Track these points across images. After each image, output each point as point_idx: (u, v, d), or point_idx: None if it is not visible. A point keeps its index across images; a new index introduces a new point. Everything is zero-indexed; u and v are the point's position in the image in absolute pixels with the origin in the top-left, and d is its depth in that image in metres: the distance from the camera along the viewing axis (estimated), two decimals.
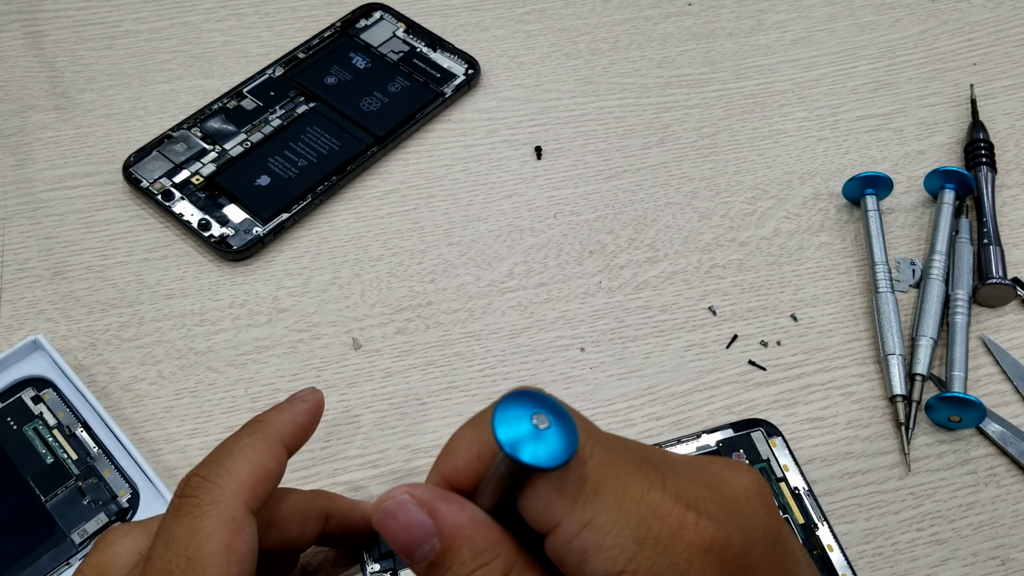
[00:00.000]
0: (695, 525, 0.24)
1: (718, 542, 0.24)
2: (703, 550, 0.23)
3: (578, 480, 0.24)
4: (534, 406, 0.24)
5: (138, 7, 0.64)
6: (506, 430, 0.23)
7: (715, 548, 0.24)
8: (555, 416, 0.23)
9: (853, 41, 0.65)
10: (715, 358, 0.49)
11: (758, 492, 0.26)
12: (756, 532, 0.25)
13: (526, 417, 0.23)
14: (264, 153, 0.56)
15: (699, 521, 0.24)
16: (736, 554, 0.24)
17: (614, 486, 0.24)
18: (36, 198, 0.54)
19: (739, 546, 0.24)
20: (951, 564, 0.43)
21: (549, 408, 0.24)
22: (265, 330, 0.50)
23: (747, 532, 0.24)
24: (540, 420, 0.23)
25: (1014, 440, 0.46)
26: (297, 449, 0.34)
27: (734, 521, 0.24)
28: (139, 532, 0.32)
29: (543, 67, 0.62)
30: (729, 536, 0.24)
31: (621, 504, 0.24)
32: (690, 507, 0.24)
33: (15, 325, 0.49)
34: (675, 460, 0.26)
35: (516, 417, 0.23)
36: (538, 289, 0.52)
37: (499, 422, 0.23)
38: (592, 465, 0.24)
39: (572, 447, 0.23)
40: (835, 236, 0.54)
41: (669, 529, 0.24)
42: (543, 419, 0.23)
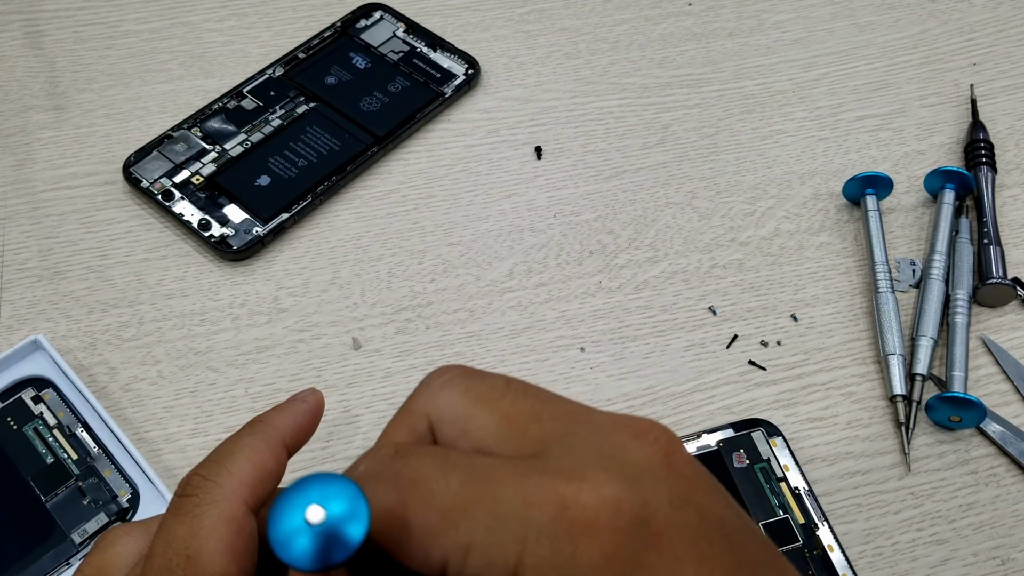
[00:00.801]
0: (575, 499, 0.22)
1: (604, 511, 0.22)
2: (588, 524, 0.21)
3: (441, 513, 0.23)
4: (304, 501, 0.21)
5: (138, 7, 0.64)
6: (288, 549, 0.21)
7: (602, 520, 0.22)
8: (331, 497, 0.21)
9: (853, 41, 0.65)
10: (715, 358, 0.49)
11: (664, 456, 0.24)
12: (658, 495, 0.23)
13: (300, 518, 0.21)
14: (264, 153, 0.56)
15: (580, 494, 0.22)
16: (629, 521, 0.22)
17: (483, 498, 0.22)
18: (36, 198, 0.54)
19: (632, 512, 0.22)
20: (951, 564, 0.43)
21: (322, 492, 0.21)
22: (265, 330, 0.50)
23: (644, 497, 0.22)
24: (314, 514, 0.21)
25: (1014, 440, 0.46)
26: (297, 449, 0.34)
27: (626, 486, 0.22)
28: (139, 532, 0.32)
29: (543, 67, 0.62)
30: (617, 502, 0.22)
31: (494, 512, 0.22)
32: (570, 480, 0.22)
33: (15, 325, 0.49)
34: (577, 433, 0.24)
35: (291, 523, 0.21)
36: (538, 289, 0.52)
37: (277, 544, 0.21)
38: (451, 492, 0.23)
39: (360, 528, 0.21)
40: (835, 236, 0.54)
41: (548, 514, 0.22)
42: (317, 512, 0.21)
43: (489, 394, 0.26)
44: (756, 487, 0.44)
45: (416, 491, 0.23)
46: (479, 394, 0.26)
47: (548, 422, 0.25)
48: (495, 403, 0.25)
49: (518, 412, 0.25)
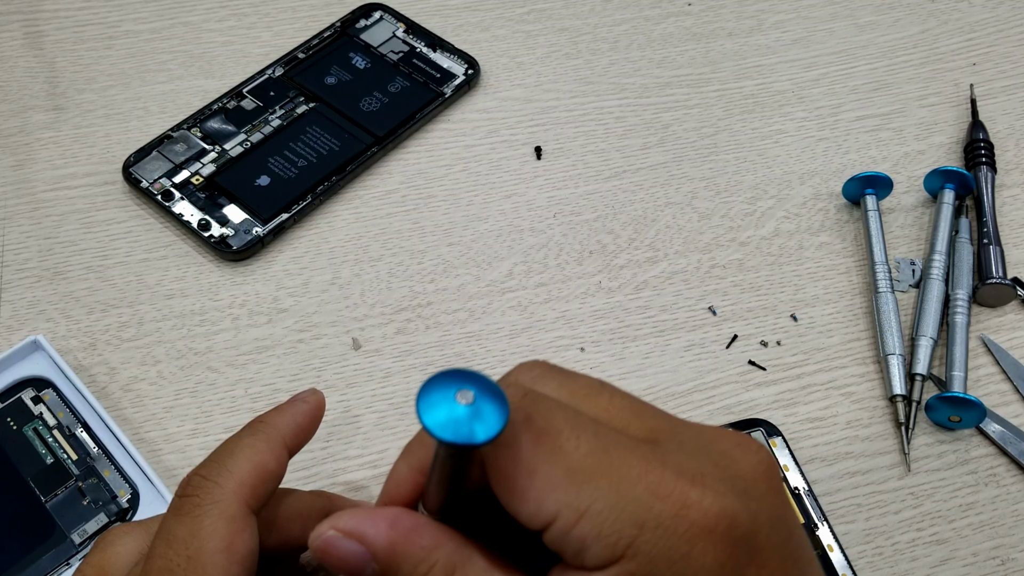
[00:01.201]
0: (699, 504, 0.23)
1: (723, 521, 0.23)
2: (707, 530, 0.22)
3: (567, 471, 0.23)
4: (458, 383, 0.22)
5: (138, 7, 0.64)
6: (431, 414, 0.22)
7: (720, 527, 0.23)
8: (481, 390, 0.22)
9: (853, 41, 0.65)
10: (715, 358, 0.49)
11: (767, 472, 0.25)
12: (763, 513, 0.24)
13: (450, 397, 0.22)
14: (264, 153, 0.56)
15: (703, 499, 0.23)
16: (742, 534, 0.23)
17: (608, 471, 0.23)
18: (36, 198, 0.54)
19: (745, 526, 0.23)
20: (951, 564, 0.43)
21: (475, 383, 0.23)
22: (265, 330, 0.50)
23: (754, 512, 0.23)
24: (464, 396, 0.22)
25: (1014, 440, 0.46)
26: (298, 450, 0.34)
27: (741, 500, 0.23)
28: (139, 532, 0.32)
29: (543, 67, 0.62)
30: (735, 515, 0.23)
31: (618, 489, 0.23)
32: (695, 483, 0.23)
33: (15, 325, 0.49)
34: (682, 433, 0.25)
35: (440, 399, 0.22)
36: (538, 289, 0.52)
37: (423, 407, 0.22)
38: (580, 454, 0.23)
39: (500, 420, 0.22)
40: (835, 236, 0.54)
41: (671, 510, 0.23)
42: (467, 395, 0.22)
43: (584, 391, 0.26)
44: None
45: (547, 441, 0.23)
46: (574, 391, 0.26)
47: (650, 419, 0.25)
48: (593, 399, 0.26)
49: (617, 408, 0.26)
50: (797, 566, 0.24)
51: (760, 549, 0.23)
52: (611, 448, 0.24)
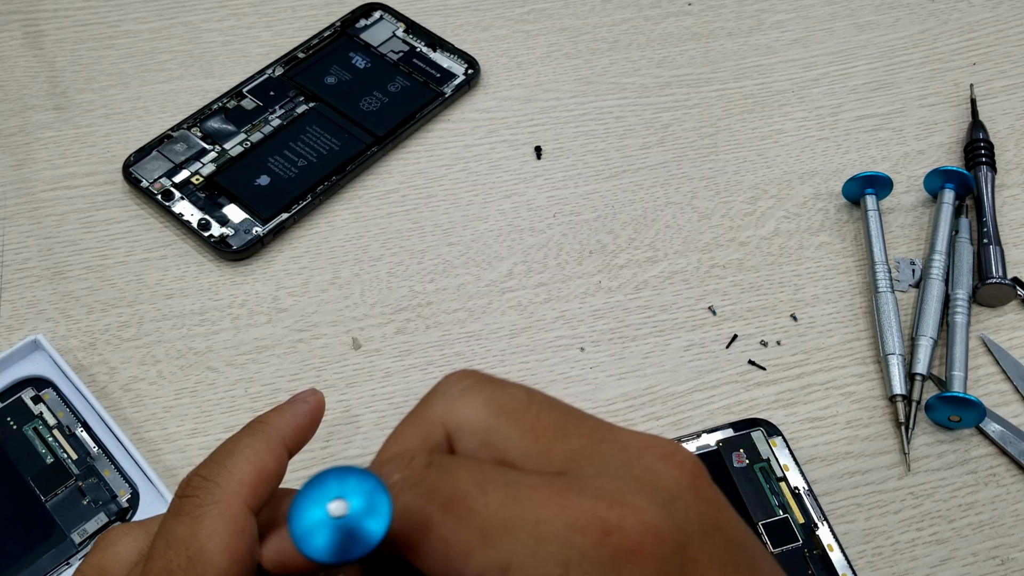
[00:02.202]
0: (619, 526, 0.22)
1: (647, 538, 0.22)
2: (632, 552, 0.22)
3: (480, 531, 0.22)
4: (332, 489, 0.22)
5: (138, 7, 0.64)
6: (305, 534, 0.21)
7: (644, 546, 0.22)
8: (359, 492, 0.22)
9: (853, 41, 0.65)
10: (715, 358, 0.49)
11: (692, 483, 0.24)
12: (690, 523, 0.23)
13: (323, 508, 0.21)
14: (264, 153, 0.56)
15: (623, 520, 0.22)
16: (670, 549, 0.22)
17: (522, 519, 0.22)
18: (36, 198, 0.54)
19: (672, 538, 0.22)
20: (951, 564, 0.43)
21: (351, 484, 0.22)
22: (265, 330, 0.50)
23: (680, 524, 0.23)
24: (338, 508, 0.21)
25: (1014, 440, 0.46)
26: (298, 450, 0.34)
27: (665, 512, 0.23)
28: (139, 532, 0.32)
29: (543, 67, 0.62)
30: (659, 529, 0.22)
31: (535, 533, 0.22)
32: (613, 505, 0.22)
33: (15, 325, 0.49)
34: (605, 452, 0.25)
35: (313, 511, 0.21)
36: (538, 289, 0.52)
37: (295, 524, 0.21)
38: (490, 511, 0.23)
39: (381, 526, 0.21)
40: (835, 236, 0.54)
41: (591, 540, 0.22)
42: (341, 505, 0.21)
43: (512, 405, 0.25)
44: (756, 487, 0.44)
45: (455, 508, 0.23)
46: (501, 405, 0.25)
47: (575, 438, 0.25)
48: (519, 415, 0.25)
49: (543, 426, 0.25)
50: (739, 570, 0.23)
51: (693, 559, 0.22)
52: (522, 494, 0.23)
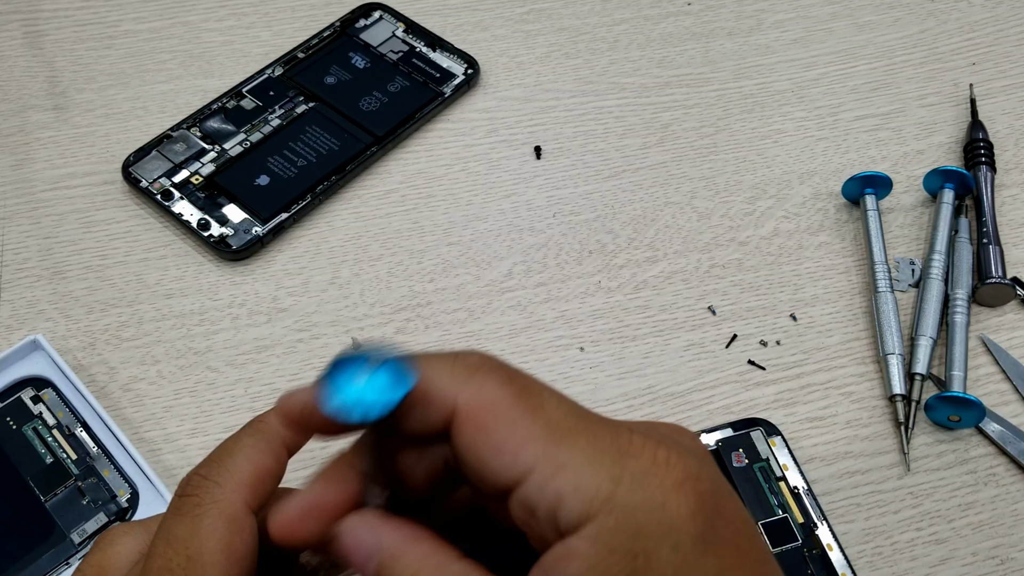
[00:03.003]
0: (667, 461, 0.24)
1: (690, 476, 0.24)
2: (678, 483, 0.24)
3: (547, 426, 0.24)
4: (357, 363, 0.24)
5: (137, 7, 0.64)
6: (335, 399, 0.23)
7: (688, 481, 0.24)
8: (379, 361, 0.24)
9: (852, 41, 0.65)
10: (714, 358, 0.49)
11: (703, 448, 0.27)
12: (717, 477, 0.25)
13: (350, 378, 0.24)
14: (263, 153, 0.56)
15: (670, 457, 0.24)
16: (707, 489, 0.24)
17: (585, 431, 0.24)
18: (35, 198, 0.54)
19: (707, 484, 0.24)
20: (950, 563, 0.43)
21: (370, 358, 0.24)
22: (264, 330, 0.50)
23: (711, 475, 0.25)
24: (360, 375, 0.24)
25: (1013, 440, 0.46)
26: (298, 449, 0.34)
27: (698, 463, 0.25)
28: (139, 531, 0.32)
29: (542, 67, 0.62)
30: (700, 472, 0.24)
31: (594, 445, 0.24)
32: (660, 445, 0.24)
33: (15, 325, 0.49)
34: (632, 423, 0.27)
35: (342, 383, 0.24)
36: (537, 289, 0.52)
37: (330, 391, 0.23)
38: (559, 414, 0.25)
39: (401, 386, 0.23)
40: (834, 236, 0.54)
41: (643, 467, 0.24)
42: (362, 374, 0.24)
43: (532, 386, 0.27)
44: (755, 486, 0.44)
45: (527, 398, 0.25)
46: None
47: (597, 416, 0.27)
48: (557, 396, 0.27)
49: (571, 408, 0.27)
50: (749, 526, 0.25)
51: (723, 507, 0.24)
52: (585, 413, 0.25)
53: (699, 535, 0.23)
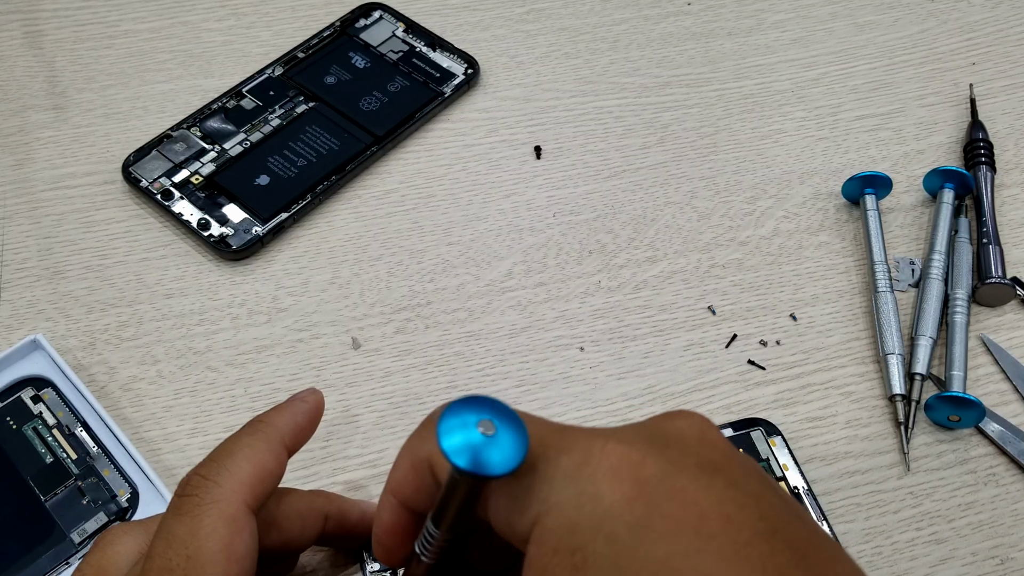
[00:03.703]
0: (601, 450, 0.23)
1: (628, 462, 0.23)
2: (612, 471, 0.23)
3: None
4: (480, 412, 0.23)
5: (137, 7, 0.64)
6: (451, 439, 0.22)
7: (624, 467, 0.23)
8: (502, 421, 0.23)
9: (852, 41, 0.65)
10: (714, 358, 0.49)
11: (697, 432, 0.25)
12: (684, 461, 0.24)
13: (472, 424, 0.22)
14: (263, 153, 0.56)
15: (606, 446, 0.23)
16: (652, 475, 0.23)
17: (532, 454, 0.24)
18: (35, 198, 0.54)
19: (656, 467, 0.23)
20: (950, 563, 0.43)
21: (497, 413, 0.23)
22: (264, 330, 0.50)
23: (670, 458, 0.23)
24: (486, 427, 0.22)
25: (1013, 440, 0.46)
26: (297, 449, 0.34)
27: (654, 448, 0.24)
28: (139, 531, 0.32)
29: (542, 67, 0.62)
30: (643, 457, 0.23)
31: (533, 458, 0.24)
32: (599, 437, 0.24)
33: (14, 325, 0.49)
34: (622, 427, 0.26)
35: (462, 424, 0.22)
36: (537, 289, 0.52)
37: (444, 431, 0.22)
38: None
39: (521, 452, 0.22)
40: (834, 236, 0.54)
41: (576, 459, 0.23)
42: (489, 425, 0.22)
43: None
44: None
45: None
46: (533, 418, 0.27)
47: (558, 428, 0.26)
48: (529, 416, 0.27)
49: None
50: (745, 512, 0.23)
51: (682, 489, 0.23)
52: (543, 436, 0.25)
53: (637, 522, 0.22)
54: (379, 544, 0.29)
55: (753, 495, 0.24)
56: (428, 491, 0.27)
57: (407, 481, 0.28)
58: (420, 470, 0.27)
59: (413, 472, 0.27)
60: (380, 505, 0.29)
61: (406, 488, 0.28)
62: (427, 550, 0.27)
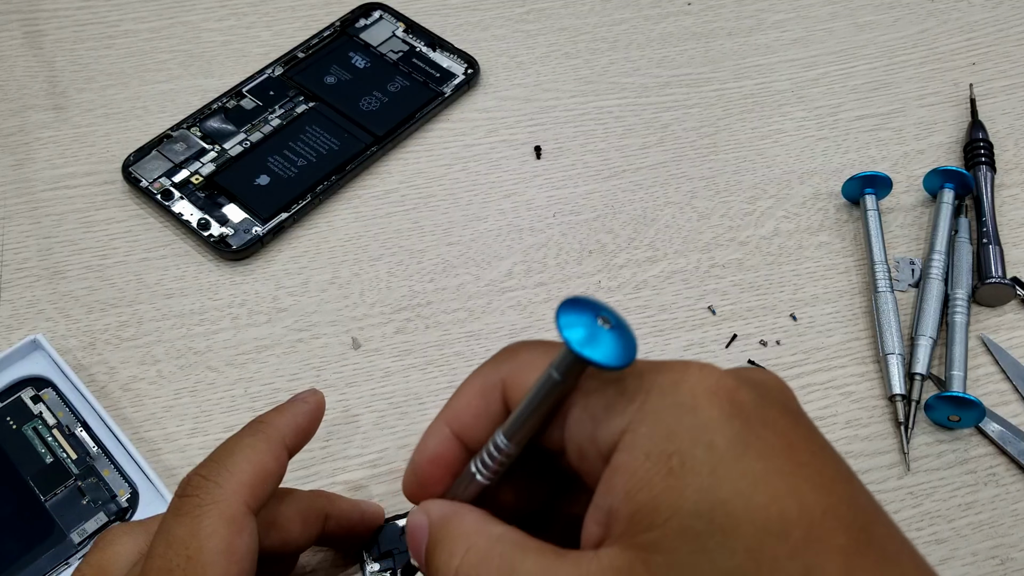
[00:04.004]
0: (700, 371, 0.24)
1: (724, 387, 0.23)
2: (710, 390, 0.23)
3: None
4: (597, 309, 0.23)
5: (137, 7, 0.64)
6: (573, 331, 0.22)
7: (722, 391, 0.23)
8: (615, 318, 0.23)
9: (852, 41, 0.65)
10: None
11: (779, 385, 0.26)
12: (773, 398, 0.24)
13: (592, 318, 0.23)
14: (263, 153, 0.56)
15: (702, 371, 0.24)
16: (746, 401, 0.23)
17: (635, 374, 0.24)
18: (35, 198, 0.54)
19: (749, 396, 0.24)
20: (950, 563, 0.43)
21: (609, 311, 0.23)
22: (264, 330, 0.50)
23: (761, 391, 0.24)
24: (605, 320, 0.23)
25: (1013, 439, 0.46)
26: (298, 450, 0.34)
27: (745, 385, 0.24)
28: (139, 532, 0.32)
29: (542, 67, 0.62)
30: (737, 386, 0.24)
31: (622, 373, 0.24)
32: (696, 364, 0.24)
33: (15, 325, 0.49)
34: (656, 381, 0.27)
35: (580, 319, 0.23)
36: (537, 289, 0.52)
37: (565, 324, 0.22)
38: None
39: (634, 346, 0.23)
40: (834, 236, 0.54)
41: (673, 378, 0.24)
42: (607, 320, 0.23)
43: None
44: None
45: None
46: None
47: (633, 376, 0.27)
48: None
49: None
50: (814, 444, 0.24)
51: (772, 420, 0.23)
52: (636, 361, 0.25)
53: (736, 437, 0.23)
54: (415, 474, 0.28)
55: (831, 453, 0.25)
56: (492, 419, 0.27)
57: (470, 407, 0.27)
58: (490, 396, 0.27)
59: (480, 398, 0.27)
60: (428, 433, 0.28)
61: (466, 415, 0.27)
62: (486, 469, 0.27)
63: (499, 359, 0.28)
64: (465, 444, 0.28)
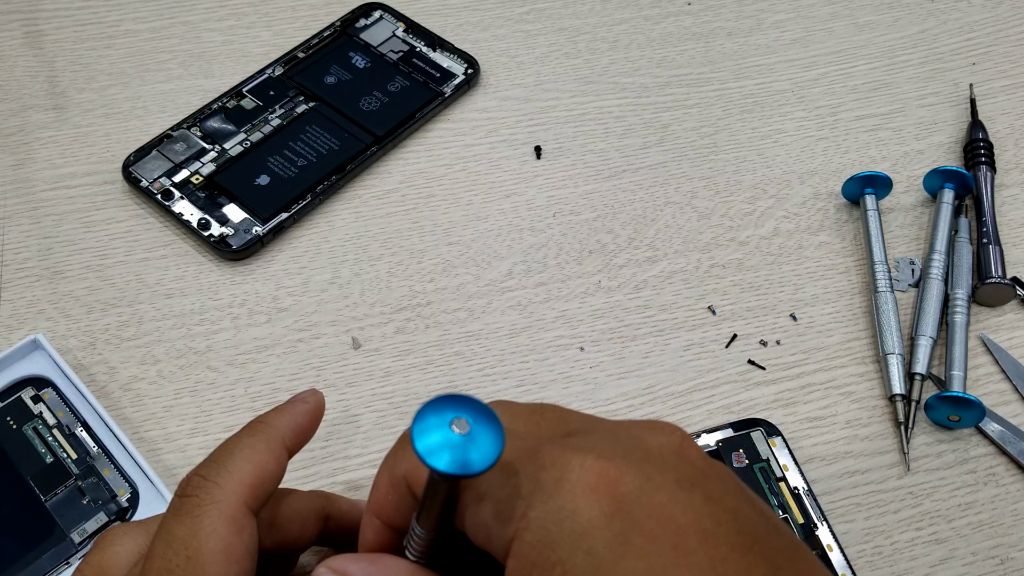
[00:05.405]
0: (580, 466, 0.23)
1: (604, 479, 0.23)
2: (589, 488, 0.23)
3: None
4: (455, 411, 0.22)
5: (137, 7, 0.64)
6: (425, 439, 0.22)
7: (603, 484, 0.23)
8: (478, 418, 0.22)
9: (852, 41, 0.65)
10: (714, 357, 0.49)
11: (676, 447, 0.25)
12: (663, 477, 0.24)
13: (446, 423, 0.22)
14: (264, 153, 0.56)
15: (584, 462, 0.23)
16: (630, 491, 0.23)
17: (504, 462, 0.24)
18: (35, 198, 0.54)
19: (634, 484, 0.23)
20: (950, 563, 0.43)
21: (471, 411, 0.22)
22: (265, 330, 0.50)
23: (648, 474, 0.23)
24: (460, 425, 0.22)
25: (1013, 439, 0.46)
26: (298, 450, 0.34)
27: (633, 463, 0.23)
28: (139, 532, 0.32)
29: (542, 67, 0.62)
30: (620, 474, 0.23)
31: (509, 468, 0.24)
32: (578, 451, 0.23)
33: (15, 324, 0.49)
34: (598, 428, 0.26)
35: (435, 424, 0.22)
36: (537, 288, 0.52)
37: (418, 433, 0.22)
38: None
39: (496, 450, 0.22)
40: (834, 236, 0.54)
41: (555, 476, 0.23)
42: (463, 424, 0.22)
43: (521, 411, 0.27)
44: (755, 487, 0.44)
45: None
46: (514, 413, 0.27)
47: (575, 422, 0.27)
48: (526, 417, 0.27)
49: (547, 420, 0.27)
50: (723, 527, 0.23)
51: (659, 506, 0.23)
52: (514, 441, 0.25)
53: (615, 538, 0.22)
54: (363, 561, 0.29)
55: (731, 510, 0.24)
56: (409, 509, 0.27)
57: (387, 501, 0.28)
58: (399, 488, 0.27)
59: (392, 491, 0.27)
60: (363, 526, 0.29)
61: (387, 508, 0.28)
62: (414, 550, 0.27)
63: (398, 451, 0.28)
64: (396, 529, 0.28)
